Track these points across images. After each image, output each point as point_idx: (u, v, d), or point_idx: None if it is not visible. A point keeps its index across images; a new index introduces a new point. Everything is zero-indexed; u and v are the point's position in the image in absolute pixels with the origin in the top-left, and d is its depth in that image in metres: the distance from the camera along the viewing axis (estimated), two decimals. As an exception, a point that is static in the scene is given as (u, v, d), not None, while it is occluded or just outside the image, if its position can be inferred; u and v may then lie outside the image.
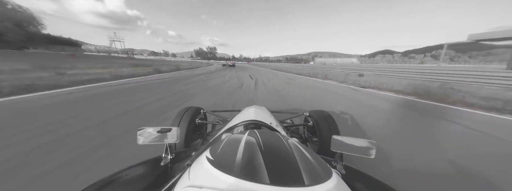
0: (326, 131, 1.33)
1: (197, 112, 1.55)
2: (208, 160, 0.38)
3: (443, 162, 1.81)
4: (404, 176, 1.56)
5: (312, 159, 0.39)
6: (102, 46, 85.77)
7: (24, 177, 1.32)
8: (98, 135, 2.06)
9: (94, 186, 0.50)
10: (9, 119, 2.47)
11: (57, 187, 1.25)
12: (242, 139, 0.44)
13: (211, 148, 0.44)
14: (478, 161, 1.85)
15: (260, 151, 0.39)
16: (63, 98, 3.79)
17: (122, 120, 2.63)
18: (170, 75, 10.31)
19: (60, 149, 1.71)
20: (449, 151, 2.06)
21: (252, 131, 0.52)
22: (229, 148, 0.42)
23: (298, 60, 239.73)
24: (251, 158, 0.36)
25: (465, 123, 3.12)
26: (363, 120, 3.11)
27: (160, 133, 0.63)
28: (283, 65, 43.54)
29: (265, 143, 0.42)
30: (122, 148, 1.81)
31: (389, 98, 5.50)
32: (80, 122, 2.43)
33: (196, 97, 4.63)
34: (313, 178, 0.33)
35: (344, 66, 25.95)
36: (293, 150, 0.41)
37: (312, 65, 47.10)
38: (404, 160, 1.82)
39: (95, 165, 1.51)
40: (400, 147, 2.10)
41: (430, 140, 2.37)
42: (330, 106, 4.18)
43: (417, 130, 2.81)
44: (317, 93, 6.08)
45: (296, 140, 0.52)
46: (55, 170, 1.41)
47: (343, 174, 0.57)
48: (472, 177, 1.58)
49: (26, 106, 3.11)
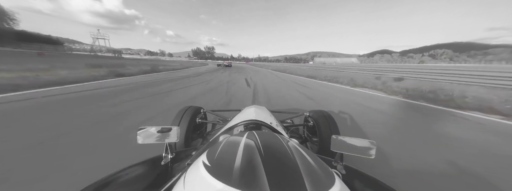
0: (326, 131, 1.32)
1: (197, 111, 1.55)
2: (204, 166, 0.35)
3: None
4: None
5: (314, 163, 0.38)
6: (99, 46, 78.31)
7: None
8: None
9: (95, 185, 0.49)
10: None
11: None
12: (241, 143, 0.42)
13: (209, 151, 0.42)
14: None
15: (260, 156, 0.36)
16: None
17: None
18: (130, 80, 6.99)
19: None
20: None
21: (251, 132, 0.50)
22: (227, 153, 0.39)
23: (297, 60, 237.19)
24: (251, 164, 0.34)
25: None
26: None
27: (160, 133, 0.63)
28: (283, 65, 40.64)
29: (265, 147, 0.40)
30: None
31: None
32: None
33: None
34: (316, 186, 0.31)
35: (345, 66, 22.66)
36: (295, 154, 0.40)
37: (312, 65, 45.47)
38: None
39: None
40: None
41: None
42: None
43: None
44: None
45: (296, 141, 0.51)
46: None
47: (343, 174, 0.56)
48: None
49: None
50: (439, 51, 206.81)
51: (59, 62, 12.14)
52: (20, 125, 2.28)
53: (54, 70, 7.60)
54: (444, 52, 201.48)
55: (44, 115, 2.69)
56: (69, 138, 1.97)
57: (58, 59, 18.79)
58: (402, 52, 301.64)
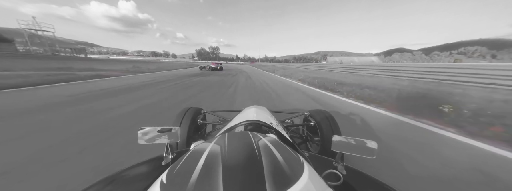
0: (327, 131, 1.33)
1: (197, 112, 1.57)
2: (160, 186, 0.34)
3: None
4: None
5: (283, 160, 0.38)
6: (113, 49, 68.48)
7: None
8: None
9: (95, 185, 0.50)
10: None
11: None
12: (205, 151, 0.41)
13: (171, 167, 0.40)
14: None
15: (221, 163, 0.36)
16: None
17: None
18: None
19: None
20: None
21: (222, 136, 0.50)
22: (187, 166, 0.38)
23: (308, 60, 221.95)
24: (209, 175, 0.33)
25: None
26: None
27: (161, 133, 0.64)
28: (291, 66, 29.83)
29: (230, 152, 0.40)
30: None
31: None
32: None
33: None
34: (278, 185, 0.31)
35: (366, 65, 14.13)
36: (262, 153, 0.39)
37: (325, 65, 41.46)
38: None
39: None
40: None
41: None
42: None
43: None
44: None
45: (271, 138, 0.50)
46: None
47: (344, 175, 0.56)
48: None
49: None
50: (470, 49, 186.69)
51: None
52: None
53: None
54: (477, 50, 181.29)
55: None
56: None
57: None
58: (423, 50, 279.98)
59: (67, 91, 4.98)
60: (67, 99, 4.03)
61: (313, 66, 30.55)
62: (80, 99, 4.13)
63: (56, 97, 4.23)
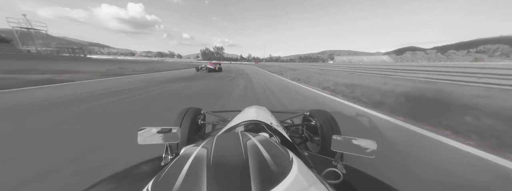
0: (327, 131, 1.35)
1: (198, 112, 1.58)
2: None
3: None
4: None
5: (270, 158, 0.37)
6: (122, 49, 68.89)
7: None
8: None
9: (95, 185, 0.50)
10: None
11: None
12: (191, 156, 0.40)
13: (157, 175, 0.39)
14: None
15: (206, 167, 0.34)
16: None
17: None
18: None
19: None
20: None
21: (210, 139, 0.48)
22: (172, 173, 0.36)
23: (314, 59, 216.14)
24: (193, 180, 0.32)
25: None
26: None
27: (161, 133, 0.64)
28: (306, 66, 27.26)
29: (216, 154, 0.39)
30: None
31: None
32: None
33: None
34: (264, 183, 0.30)
35: (378, 65, 14.56)
36: (249, 153, 0.39)
37: (332, 64, 40.11)
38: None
39: None
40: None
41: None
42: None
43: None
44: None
45: (262, 137, 0.49)
46: None
47: (344, 174, 0.57)
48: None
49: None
50: (491, 47, 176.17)
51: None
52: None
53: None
54: (499, 48, 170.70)
55: None
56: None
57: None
58: (437, 49, 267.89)
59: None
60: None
61: (323, 66, 27.90)
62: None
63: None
